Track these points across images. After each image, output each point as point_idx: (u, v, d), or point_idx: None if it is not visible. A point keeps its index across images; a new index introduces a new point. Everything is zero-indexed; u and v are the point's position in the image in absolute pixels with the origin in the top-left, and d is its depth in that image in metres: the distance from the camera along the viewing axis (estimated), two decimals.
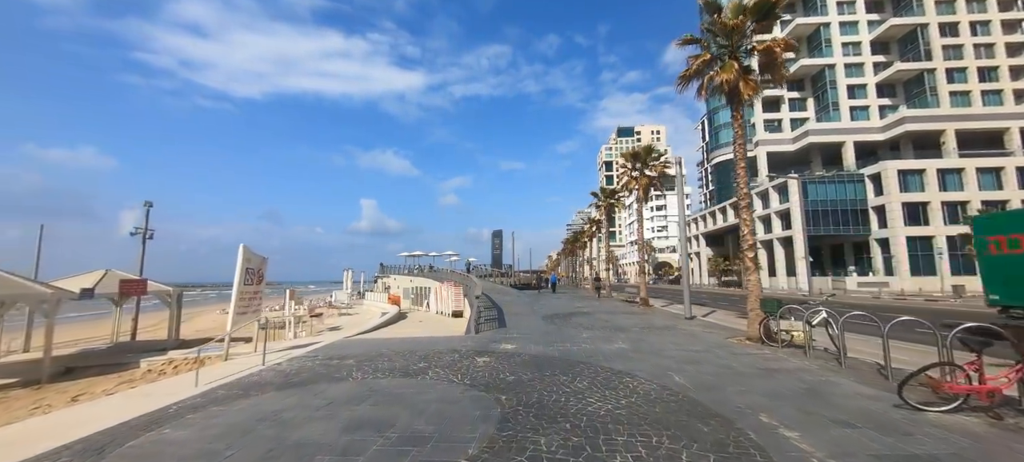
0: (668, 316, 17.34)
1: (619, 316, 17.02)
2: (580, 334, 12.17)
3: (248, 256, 13.69)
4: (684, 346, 10.09)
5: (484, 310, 18.34)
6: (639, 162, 21.96)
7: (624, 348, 9.90)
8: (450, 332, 13.79)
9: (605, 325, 14.17)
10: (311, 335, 20.88)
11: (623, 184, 22.90)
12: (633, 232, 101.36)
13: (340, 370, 8.19)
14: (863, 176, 45.48)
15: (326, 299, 50.26)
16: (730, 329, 13.28)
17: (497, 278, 37.42)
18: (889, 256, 42.94)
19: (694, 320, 15.66)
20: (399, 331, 15.81)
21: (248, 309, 13.91)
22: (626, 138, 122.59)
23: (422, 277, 38.25)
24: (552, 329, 13.29)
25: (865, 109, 53.01)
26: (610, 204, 32.02)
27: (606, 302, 25.35)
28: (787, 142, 55.61)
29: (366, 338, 13.18)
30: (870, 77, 52.98)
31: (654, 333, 12.32)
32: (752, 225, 11.39)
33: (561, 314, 17.61)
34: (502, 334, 12.44)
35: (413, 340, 12.01)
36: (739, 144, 11.62)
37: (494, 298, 23.90)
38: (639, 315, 17.55)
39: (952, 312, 19.64)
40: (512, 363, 8.42)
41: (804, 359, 8.41)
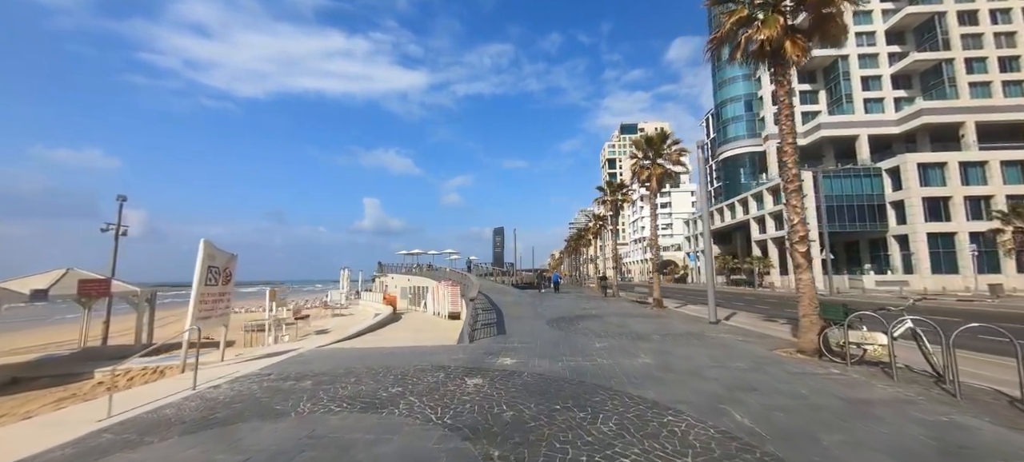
0: (688, 320, 15.30)
1: (633, 320, 15.01)
2: (592, 344, 10.16)
3: (211, 252, 11.76)
4: (724, 362, 8.07)
5: (482, 312, 16.37)
6: (651, 151, 19.92)
7: (650, 364, 7.89)
8: (441, 339, 11.81)
9: (619, 331, 12.16)
10: (295, 339, 18.96)
11: (633, 175, 20.86)
12: (637, 230, 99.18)
13: (287, 398, 6.22)
14: (880, 170, 43.22)
15: (322, 299, 48.53)
16: (767, 337, 11.24)
17: (498, 277, 35.49)
18: (908, 253, 40.68)
19: (720, 325, 13.63)
20: (385, 337, 13.85)
21: (212, 312, 11.98)
22: (629, 135, 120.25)
23: (420, 276, 36.33)
24: (559, 337, 11.29)
25: (880, 101, 50.75)
26: (617, 199, 29.96)
27: (614, 303, 23.32)
28: (799, 136, 53.28)
29: (343, 347, 11.21)
30: (885, 68, 50.69)
31: (680, 342, 10.30)
32: (803, 213, 9.35)
33: (568, 317, 15.61)
34: (500, 343, 10.45)
35: (395, 351, 10.03)
36: (785, 116, 9.58)
37: (493, 299, 21.92)
38: (655, 319, 15.53)
39: (1005, 315, 17.54)
40: (511, 388, 6.43)
41: (893, 383, 6.39)
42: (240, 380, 7.61)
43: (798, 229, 9.19)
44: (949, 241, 39.64)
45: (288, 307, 19.90)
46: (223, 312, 12.66)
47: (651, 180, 19.74)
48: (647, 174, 19.84)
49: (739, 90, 57.51)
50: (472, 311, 13.12)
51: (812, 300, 8.81)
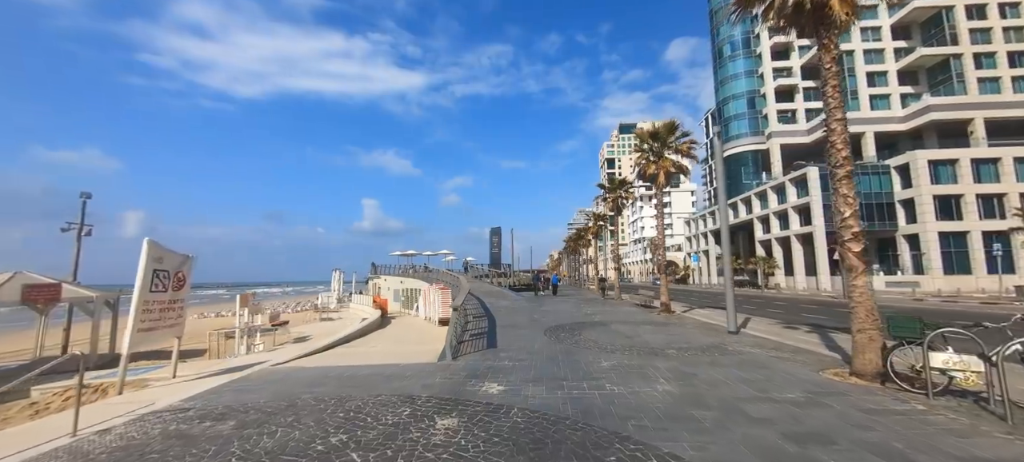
0: (704, 328, 13.56)
1: (642, 328, 13.26)
2: (599, 362, 8.42)
3: (157, 254, 9.99)
4: (768, 390, 6.33)
5: (473, 320, 14.63)
6: (658, 143, 18.21)
7: (673, 394, 6.16)
8: (421, 354, 10.05)
9: (629, 344, 10.42)
10: (269, 348, 17.20)
11: (637, 170, 19.14)
12: (636, 230, 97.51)
13: (183, 458, 4.46)
14: (889, 168, 41.60)
15: (313, 301, 46.76)
16: (802, 351, 9.50)
17: (494, 278, 33.72)
18: (918, 253, 39.05)
19: (742, 335, 11.89)
20: (361, 350, 12.09)
21: (159, 323, 10.20)
22: (628, 134, 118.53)
23: (412, 278, 34.57)
24: (558, 352, 9.54)
25: (886, 97, 49.19)
26: (619, 197, 28.24)
27: (617, 306, 21.57)
28: (802, 133, 51.79)
29: (304, 366, 9.44)
30: (891, 64, 49.14)
31: (703, 360, 8.56)
32: (856, 204, 7.61)
33: (568, 326, 13.86)
34: (489, 361, 8.70)
35: (361, 372, 8.27)
36: (833, 87, 7.85)
37: (487, 303, 20.16)
38: (666, 327, 13.78)
39: None
40: (493, 437, 4.68)
41: (1012, 428, 4.66)
42: (145, 419, 5.84)
43: (850, 223, 7.46)
44: (961, 240, 38.03)
45: (262, 313, 18.17)
46: (174, 322, 10.88)
47: (657, 175, 18.02)
48: (653, 169, 18.12)
49: (741, 87, 55.92)
50: (459, 320, 11.38)
51: (871, 311, 7.08)
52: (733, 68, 57.02)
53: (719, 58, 58.74)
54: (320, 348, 12.32)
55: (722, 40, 57.89)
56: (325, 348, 12.34)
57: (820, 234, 41.20)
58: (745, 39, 56.10)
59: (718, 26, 58.24)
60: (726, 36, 57.42)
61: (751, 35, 55.65)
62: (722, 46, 57.81)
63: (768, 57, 53.55)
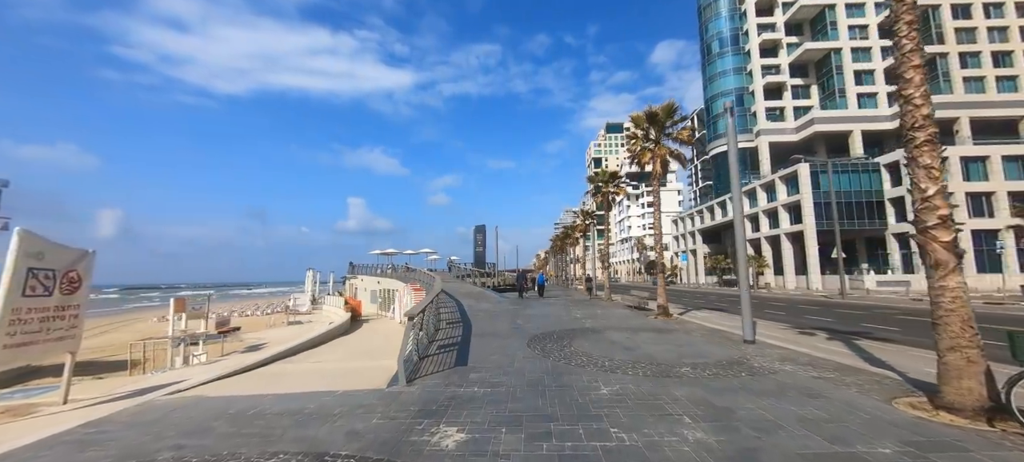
0: (713, 336, 11.66)
1: (642, 337, 11.29)
2: (596, 387, 6.37)
3: (34, 248, 7.63)
4: (844, 438, 4.35)
5: (446, 325, 12.49)
6: (654, 128, 16.32)
7: (713, 450, 4.12)
8: (371, 375, 7.85)
9: (631, 359, 8.41)
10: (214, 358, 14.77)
11: (633, 158, 17.22)
12: (623, 230, 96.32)
13: None
14: (879, 165, 40.70)
15: (286, 302, 43.91)
16: (846, 369, 7.60)
17: (477, 278, 31.56)
18: (908, 252, 38.14)
19: (762, 346, 9.99)
20: (299, 368, 9.83)
21: (39, 336, 7.82)
22: (615, 134, 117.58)
23: (389, 278, 32.19)
24: (544, 372, 7.46)
25: (873, 96, 48.52)
26: (609, 192, 26.33)
27: (609, 309, 19.64)
28: (790, 132, 50.84)
29: (205, 395, 7.17)
30: (878, 62, 48.48)
31: (731, 384, 6.58)
32: (942, 181, 5.67)
33: (555, 333, 11.81)
34: (453, 386, 6.58)
35: (269, 411, 6.05)
36: (907, 22, 5.92)
37: (465, 306, 18.03)
38: (669, 335, 11.84)
39: None
40: None
41: None
42: None
43: (936, 203, 5.53)
44: None
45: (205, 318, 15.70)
46: (64, 334, 8.44)
47: (653, 163, 16.13)
48: (649, 157, 16.23)
49: (730, 84, 54.77)
50: (421, 329, 9.23)
51: (968, 323, 5.18)
52: (721, 65, 55.85)
53: (707, 54, 57.53)
54: (257, 363, 10.01)
55: (711, 36, 56.71)
56: (262, 363, 10.04)
57: (811, 232, 40.10)
58: (734, 35, 54.99)
59: (707, 22, 57.06)
60: (715, 32, 56.24)
61: (740, 32, 54.56)
62: (711, 42, 56.62)
63: (757, 54, 52.51)
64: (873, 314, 19.47)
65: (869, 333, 13.52)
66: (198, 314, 15.33)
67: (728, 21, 55.56)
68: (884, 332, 13.66)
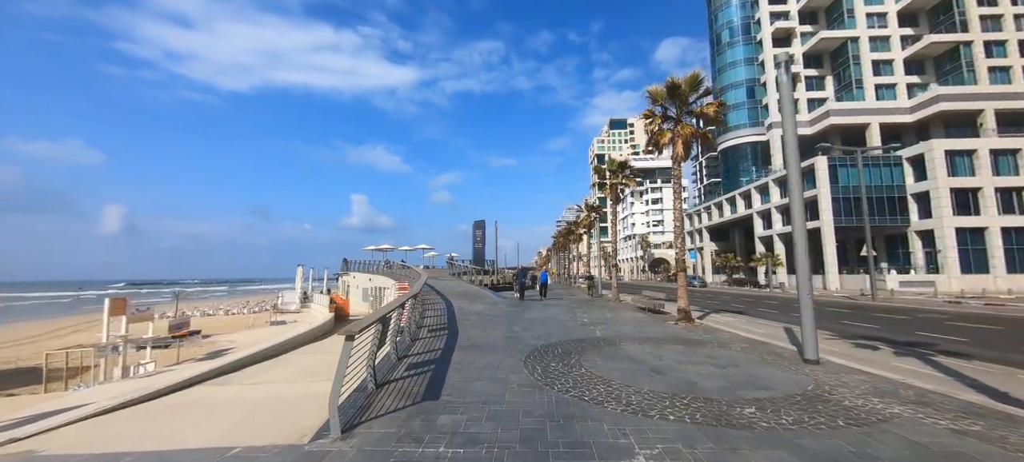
0: (757, 351, 9.31)
1: (668, 351, 8.96)
2: (627, 444, 4.08)
3: None
4: None
5: (426, 336, 10.20)
6: (676, 101, 13.93)
7: None
8: (300, 416, 5.56)
9: (665, 389, 6.09)
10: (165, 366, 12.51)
11: (650, 140, 14.82)
12: (627, 227, 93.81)
13: None
14: (901, 159, 38.14)
15: (273, 301, 41.73)
16: (989, 414, 5.26)
17: (474, 276, 29.23)
18: (933, 251, 35.62)
19: (825, 365, 7.65)
20: (225, 393, 7.56)
21: None
22: (619, 130, 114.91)
23: (380, 275, 29.95)
24: (546, 412, 5.15)
25: (892, 87, 45.83)
26: (618, 183, 23.91)
27: (619, 311, 17.32)
28: (804, 125, 48.15)
29: (41, 455, 4.88)
30: (897, 52, 45.79)
31: (841, 450, 4.25)
32: None
33: (560, 346, 9.48)
34: (407, 446, 4.27)
35: None
36: None
37: (455, 308, 15.75)
38: (700, 347, 9.50)
39: None
40: None
41: None
42: None
43: None
44: (978, 237, 34.69)
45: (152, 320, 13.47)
46: None
47: (674, 144, 13.75)
48: (669, 137, 13.84)
49: (740, 75, 52.15)
50: (388, 341, 6.96)
51: None
52: (731, 55, 53.22)
53: (717, 45, 54.86)
54: (177, 385, 7.72)
55: (720, 26, 54.05)
56: (187, 384, 7.75)
57: (828, 230, 37.59)
58: (745, 25, 52.34)
59: (716, 11, 54.38)
60: (725, 22, 53.58)
61: (751, 21, 51.90)
62: (720, 32, 53.96)
63: (769, 44, 49.88)
64: (917, 319, 17.09)
65: (934, 344, 11.17)
66: (143, 316, 13.11)
67: (739, 9, 52.88)
68: (952, 344, 11.30)
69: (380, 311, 6.42)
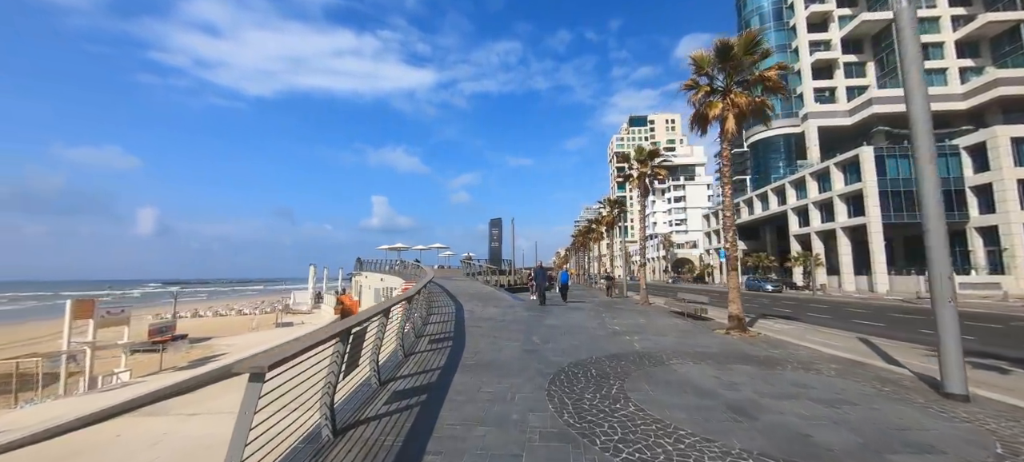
0: (854, 372, 7.04)
1: (738, 374, 6.77)
2: None
3: None
4: None
5: (426, 349, 8.27)
6: (728, 66, 11.62)
7: None
8: None
9: (761, 443, 3.97)
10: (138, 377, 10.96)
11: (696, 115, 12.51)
12: (648, 226, 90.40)
13: None
14: (958, 148, 34.45)
15: (285, 301, 40.72)
16: None
17: (489, 276, 27.29)
18: (997, 249, 31.88)
19: (986, 405, 5.35)
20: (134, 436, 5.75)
21: None
22: (638, 128, 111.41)
23: (392, 275, 28.32)
24: None
25: (942, 72, 41.80)
26: (647, 174, 21.45)
27: (653, 316, 15.05)
28: (843, 115, 44.59)
29: None
30: (948, 34, 41.72)
31: None
32: None
33: (592, 367, 7.39)
34: None
35: None
36: None
37: (466, 311, 13.80)
38: (779, 370, 7.27)
39: None
40: None
41: None
42: None
43: None
44: None
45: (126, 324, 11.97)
46: None
47: (725, 118, 11.46)
48: (719, 110, 11.54)
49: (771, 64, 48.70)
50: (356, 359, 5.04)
51: None
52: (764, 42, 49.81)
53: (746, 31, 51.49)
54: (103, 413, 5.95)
55: (750, 12, 50.71)
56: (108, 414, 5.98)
57: (876, 226, 34.17)
58: (776, 10, 48.92)
59: None
60: (754, 7, 50.23)
61: (784, 5, 48.47)
62: (749, 18, 50.60)
63: (804, 29, 46.43)
64: (1012, 328, 14.27)
65: None
66: (115, 320, 11.61)
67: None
68: None
69: (345, 322, 4.45)
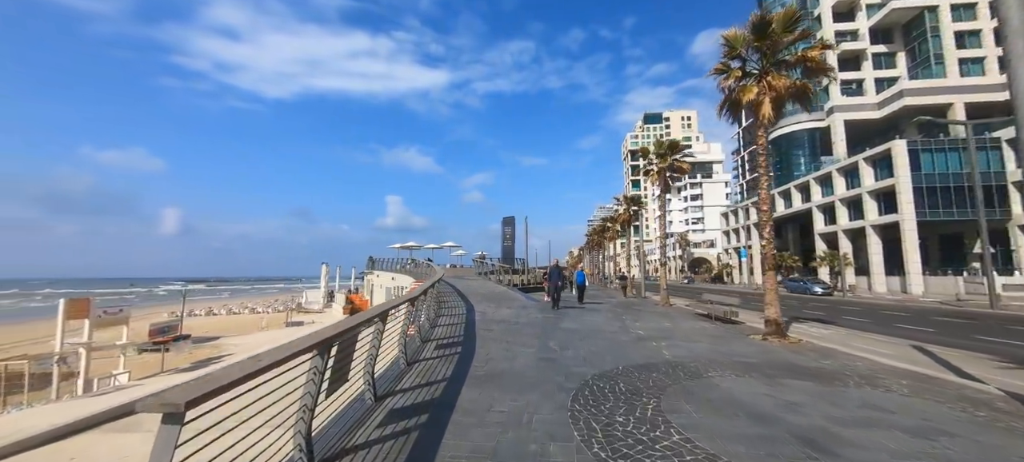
0: (927, 388, 5.97)
1: (792, 390, 5.77)
2: None
3: None
4: None
5: (434, 352, 7.46)
6: (764, 48, 10.49)
7: None
8: None
9: None
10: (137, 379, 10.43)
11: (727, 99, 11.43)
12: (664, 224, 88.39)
13: None
14: (1000, 141, 32.36)
15: (298, 300, 40.49)
16: None
17: (502, 275, 26.44)
18: None
19: None
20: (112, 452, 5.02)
21: None
22: (654, 125, 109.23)
23: (403, 274, 27.70)
24: None
25: (979, 61, 39.47)
26: (668, 168, 20.27)
27: (677, 319, 14.01)
28: (871, 107, 42.49)
29: None
30: (986, 21, 39.35)
31: None
32: None
33: (620, 380, 6.47)
34: None
35: None
36: None
37: (477, 313, 12.96)
38: (840, 384, 6.26)
39: None
40: None
41: None
42: None
43: None
44: None
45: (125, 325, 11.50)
46: None
47: (760, 102, 10.35)
48: (755, 93, 10.43)
49: None
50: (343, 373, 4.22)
51: None
52: None
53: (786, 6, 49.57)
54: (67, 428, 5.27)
55: (771, 2, 48.84)
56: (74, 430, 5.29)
57: (910, 224, 32.26)
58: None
59: None
60: None
61: None
62: (771, 7, 48.66)
63: (829, 18, 44.46)
64: None
65: None
66: (113, 320, 11.17)
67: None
68: None
69: (324, 332, 3.61)
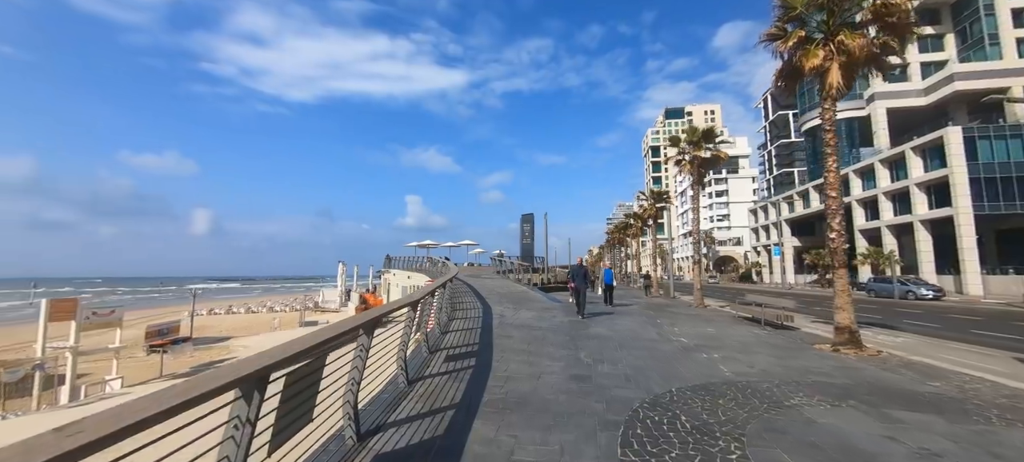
0: None
1: (918, 429, 4.27)
2: None
3: None
4: None
5: (442, 367, 6.20)
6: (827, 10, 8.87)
7: None
8: None
9: None
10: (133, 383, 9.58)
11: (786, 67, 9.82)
12: (686, 222, 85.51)
13: None
14: None
15: (314, 298, 40.13)
16: None
17: (521, 274, 25.05)
18: None
19: None
20: None
21: None
22: (675, 120, 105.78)
23: (419, 273, 26.67)
24: None
25: None
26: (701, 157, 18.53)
27: (720, 325, 12.40)
28: (916, 94, 39.32)
29: None
30: None
31: None
32: None
33: (678, 403, 5.06)
34: None
35: None
36: None
37: (493, 316, 11.65)
38: (982, 423, 4.69)
39: None
40: None
41: None
42: None
43: None
44: None
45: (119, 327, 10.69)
46: None
47: (827, 70, 8.71)
48: (821, 59, 8.79)
49: None
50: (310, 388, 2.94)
51: None
52: None
53: None
54: None
55: None
56: None
57: (966, 218, 29.36)
58: None
59: None
60: None
61: None
62: None
63: None
64: None
65: None
66: (103, 322, 10.39)
67: None
68: None
69: (257, 360, 2.33)
